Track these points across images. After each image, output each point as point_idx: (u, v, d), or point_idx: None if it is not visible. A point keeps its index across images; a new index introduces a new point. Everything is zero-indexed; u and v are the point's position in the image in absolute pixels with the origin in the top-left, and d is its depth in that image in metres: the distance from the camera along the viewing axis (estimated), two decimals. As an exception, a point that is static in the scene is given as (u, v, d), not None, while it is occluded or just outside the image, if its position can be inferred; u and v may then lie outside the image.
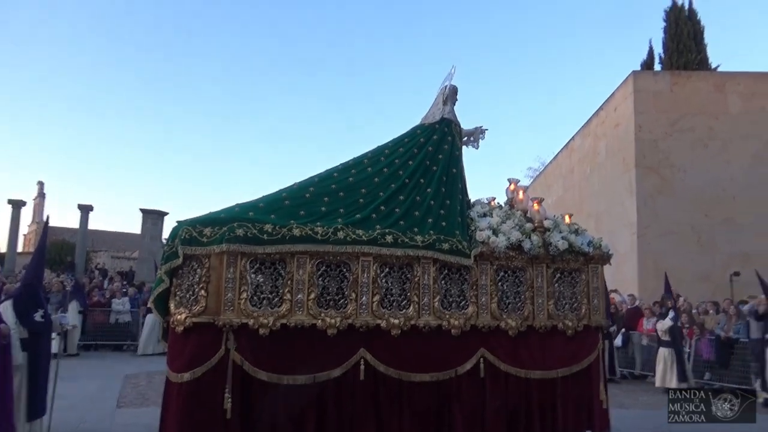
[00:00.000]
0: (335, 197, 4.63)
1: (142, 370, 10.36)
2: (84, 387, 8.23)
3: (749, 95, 15.29)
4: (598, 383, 4.64)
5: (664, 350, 10.27)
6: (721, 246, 14.47)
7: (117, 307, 13.57)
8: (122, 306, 13.66)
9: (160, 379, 9.04)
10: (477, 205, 5.06)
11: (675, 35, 19.33)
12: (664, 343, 10.33)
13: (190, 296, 4.18)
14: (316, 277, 4.30)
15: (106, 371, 10.24)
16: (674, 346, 10.17)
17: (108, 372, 10.13)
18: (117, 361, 11.75)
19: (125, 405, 7.39)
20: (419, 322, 4.34)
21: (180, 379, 3.98)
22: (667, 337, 10.26)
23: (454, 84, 5.47)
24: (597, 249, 4.75)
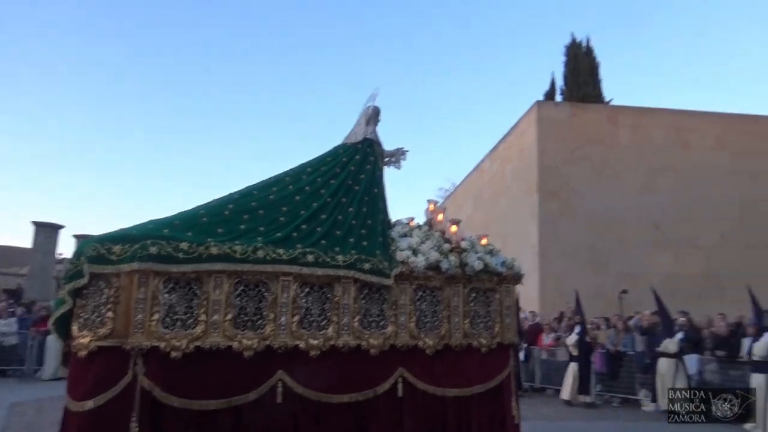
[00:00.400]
0: (255, 215, 4.52)
1: (30, 398, 9.53)
2: (-39, 417, 7.50)
3: (636, 127, 16.71)
4: (510, 399, 4.80)
5: (574, 365, 10.75)
6: (612, 266, 15.59)
7: (2, 329, 12.42)
8: (8, 327, 12.50)
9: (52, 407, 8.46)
10: (397, 225, 5.13)
11: (574, 69, 20.85)
12: (574, 358, 10.83)
13: (95, 318, 3.90)
14: (234, 297, 4.16)
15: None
16: (579, 359, 10.67)
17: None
18: (1, 388, 10.74)
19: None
20: (339, 343, 4.31)
21: (82, 408, 3.69)
22: (575, 352, 10.81)
23: (377, 105, 5.57)
24: (510, 269, 4.97)
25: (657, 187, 16.09)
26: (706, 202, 15.88)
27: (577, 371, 10.69)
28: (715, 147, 16.43)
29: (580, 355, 10.78)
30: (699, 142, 16.46)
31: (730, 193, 16.01)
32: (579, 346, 10.83)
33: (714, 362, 10.05)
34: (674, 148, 16.36)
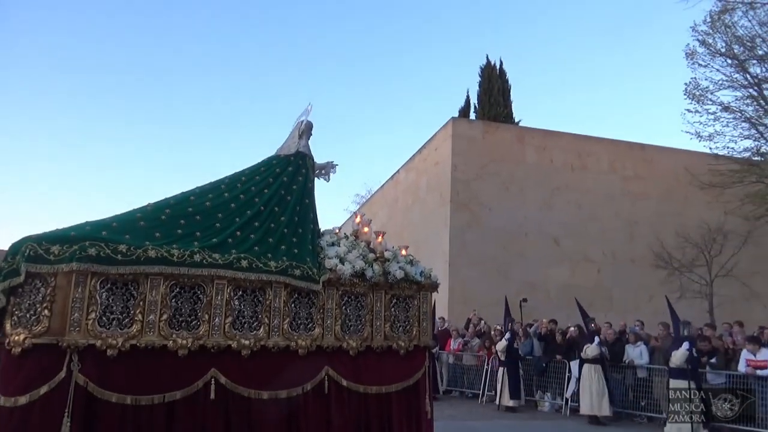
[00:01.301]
0: (192, 220, 4.73)
1: None
2: None
3: (541, 148, 18.00)
4: (425, 396, 5.29)
5: (501, 369, 11.34)
6: (514, 275, 16.62)
7: None
8: None
9: None
10: (326, 234, 5.49)
11: (487, 89, 22.08)
12: (502, 363, 11.41)
13: (30, 316, 3.98)
14: (170, 298, 4.36)
15: None
16: (507, 364, 11.25)
17: None
18: None
19: None
20: (269, 343, 4.61)
21: (14, 404, 3.74)
22: (504, 357, 11.35)
23: (310, 120, 5.91)
24: (428, 278, 5.47)
25: (556, 204, 17.40)
26: (597, 221, 17.43)
27: (505, 376, 11.16)
28: (608, 170, 18.06)
29: (508, 361, 11.25)
30: (595, 165, 18.01)
31: (618, 213, 17.67)
32: (508, 351, 11.30)
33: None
34: (573, 170, 17.78)
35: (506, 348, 11.29)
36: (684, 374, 8.23)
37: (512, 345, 11.40)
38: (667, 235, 16.38)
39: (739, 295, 15.94)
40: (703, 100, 15.81)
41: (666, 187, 18.05)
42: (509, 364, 11.24)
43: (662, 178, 18.16)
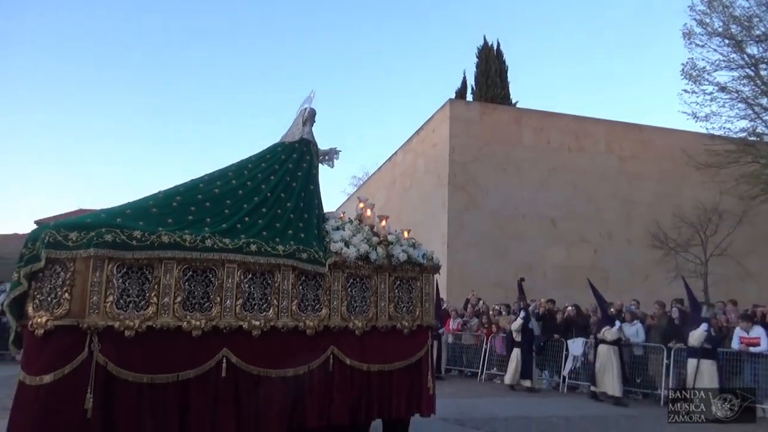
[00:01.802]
0: (202, 207, 4.90)
1: None
2: None
3: (539, 130, 18.11)
4: (427, 373, 5.53)
5: (517, 350, 11.19)
6: (512, 256, 16.85)
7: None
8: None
9: None
10: (331, 219, 5.68)
11: (485, 71, 22.08)
12: (517, 344, 11.26)
13: (51, 299, 4.17)
14: (183, 281, 4.55)
15: None
16: (522, 345, 11.13)
17: None
18: None
19: None
20: (278, 324, 4.82)
21: (39, 382, 3.96)
22: (519, 338, 11.21)
23: (313, 107, 6.06)
24: (430, 261, 5.68)
25: (553, 185, 17.57)
26: (594, 201, 17.62)
27: (519, 357, 11.11)
28: (605, 151, 18.21)
29: (523, 341, 11.19)
30: (592, 146, 18.15)
31: (615, 193, 17.85)
32: (523, 332, 11.23)
33: (598, 345, 11.33)
34: (570, 151, 17.93)
35: (521, 328, 11.25)
36: (700, 353, 8.75)
37: (527, 325, 11.33)
38: (663, 215, 16.60)
39: (734, 274, 16.23)
40: (699, 80, 15.92)
41: (662, 167, 18.22)
42: (524, 344, 11.20)
43: (659, 158, 18.33)
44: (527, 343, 11.25)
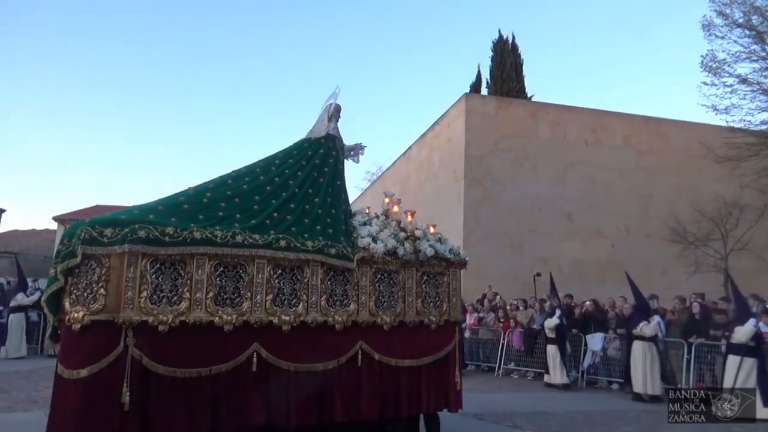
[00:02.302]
0: (231, 203, 4.95)
1: None
2: None
3: (555, 123, 17.99)
4: (454, 369, 5.55)
5: (551, 347, 11.10)
6: (528, 251, 16.76)
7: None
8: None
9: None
10: (358, 214, 5.71)
11: (500, 64, 21.96)
12: (550, 341, 11.14)
13: (88, 294, 4.25)
14: (214, 277, 4.60)
15: None
16: (559, 343, 10.98)
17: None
18: None
19: None
20: (307, 319, 4.86)
21: (76, 376, 4.04)
22: (553, 335, 11.09)
23: (339, 103, 6.05)
24: (457, 256, 5.68)
25: (570, 179, 17.46)
26: (611, 195, 17.49)
27: (556, 353, 11.03)
28: (623, 145, 18.05)
29: (557, 338, 11.08)
30: (609, 140, 18.00)
31: (632, 187, 17.71)
32: (558, 329, 11.09)
33: (617, 340, 11.23)
34: (587, 145, 17.80)
35: (557, 326, 11.10)
36: (743, 350, 8.37)
37: (562, 323, 11.16)
38: (682, 209, 16.43)
39: (755, 268, 16.03)
40: (720, 72, 15.72)
41: (681, 161, 18.03)
42: (559, 341, 11.10)
43: (677, 152, 18.13)
44: (562, 340, 11.18)
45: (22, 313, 12.73)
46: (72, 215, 32.33)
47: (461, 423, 5.83)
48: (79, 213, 32.88)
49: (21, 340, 12.55)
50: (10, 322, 12.53)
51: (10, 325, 12.50)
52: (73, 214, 32.52)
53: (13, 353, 12.34)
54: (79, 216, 31.84)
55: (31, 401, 7.80)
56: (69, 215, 32.36)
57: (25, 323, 12.69)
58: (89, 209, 33.96)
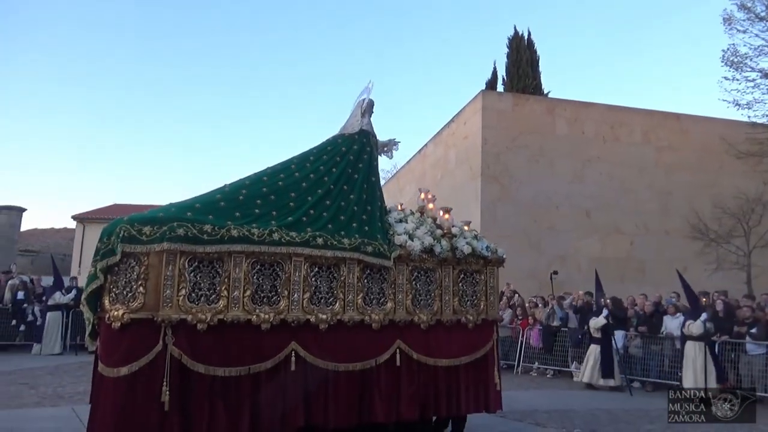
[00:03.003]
0: (267, 200, 4.89)
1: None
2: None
3: (573, 120, 17.81)
4: (493, 369, 5.47)
5: (595, 347, 10.61)
6: (545, 248, 16.63)
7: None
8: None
9: (4, 381, 8.59)
10: (393, 211, 5.64)
11: (516, 61, 21.79)
12: (595, 340, 10.65)
13: (127, 293, 4.22)
14: (252, 275, 4.55)
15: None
16: (604, 342, 10.43)
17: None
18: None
19: None
20: (344, 317, 4.80)
21: (117, 374, 4.02)
22: (598, 334, 10.58)
23: (372, 98, 5.99)
24: (494, 253, 5.60)
25: (587, 176, 17.29)
26: (630, 192, 17.30)
27: (598, 354, 10.51)
28: (642, 141, 17.84)
29: (603, 338, 10.52)
30: (627, 136, 17.79)
31: (652, 184, 17.51)
32: (603, 329, 10.52)
33: (638, 338, 11.12)
34: (605, 141, 17.61)
35: (603, 325, 10.52)
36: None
37: (609, 321, 10.57)
38: (702, 205, 16.20)
39: (780, 265, 15.77)
40: (741, 67, 15.48)
41: (701, 157, 17.78)
42: (604, 342, 10.53)
43: (697, 148, 17.89)
44: (607, 340, 10.56)
45: (60, 312, 12.93)
46: (90, 214, 32.60)
47: (484, 420, 5.75)
48: (97, 212, 33.14)
49: (57, 338, 12.72)
50: (48, 320, 12.77)
51: (47, 323, 12.74)
52: (92, 213, 32.80)
53: (47, 350, 12.54)
54: (98, 215, 32.15)
55: (58, 396, 7.85)
56: (87, 214, 32.56)
57: (61, 321, 12.91)
58: (107, 208, 34.14)
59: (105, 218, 31.96)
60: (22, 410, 6.80)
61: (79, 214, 32.38)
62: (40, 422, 6.13)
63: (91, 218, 32.25)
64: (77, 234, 32.37)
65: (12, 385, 8.54)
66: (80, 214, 32.41)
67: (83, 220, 32.01)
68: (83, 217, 32.16)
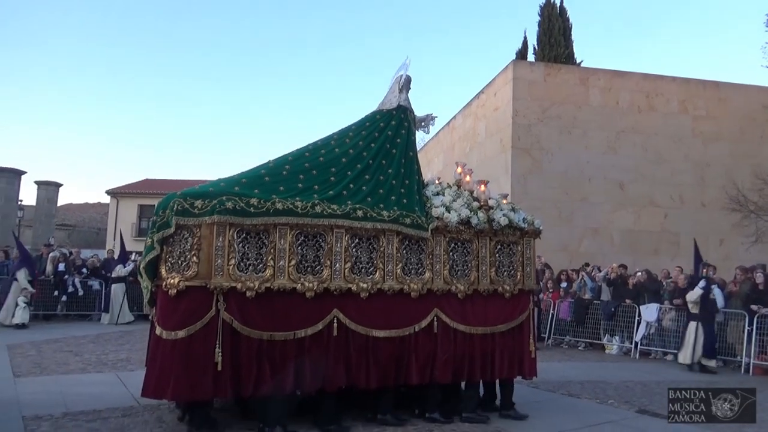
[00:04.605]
0: (309, 175, 5.11)
1: (22, 341, 10.08)
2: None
3: (607, 90, 17.44)
4: (529, 337, 5.63)
5: (693, 324, 9.70)
6: (577, 221, 16.51)
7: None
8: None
9: (51, 349, 9.05)
10: (430, 185, 5.79)
11: (547, 30, 21.32)
12: (693, 316, 9.75)
13: (181, 262, 4.52)
14: (296, 246, 4.79)
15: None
16: (703, 318, 9.59)
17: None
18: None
19: (23, 374, 7.23)
20: (384, 286, 5.02)
21: (175, 336, 4.34)
22: (696, 310, 9.71)
23: (409, 74, 6.07)
24: (531, 225, 5.71)
25: (621, 147, 16.99)
26: (665, 164, 17.00)
27: (699, 331, 9.57)
28: (678, 111, 17.43)
29: (703, 314, 9.59)
30: (663, 106, 17.39)
31: (688, 155, 17.16)
32: (702, 303, 9.60)
33: (673, 311, 11.06)
34: (640, 111, 17.24)
35: (700, 298, 9.58)
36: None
37: (707, 295, 9.63)
38: (741, 176, 15.82)
39: (823, 238, 15.40)
40: (785, 33, 14.90)
41: (741, 126, 17.28)
42: (703, 318, 9.58)
43: (737, 117, 17.37)
44: (708, 316, 9.58)
45: (122, 283, 13.77)
46: (123, 189, 33.47)
47: (517, 391, 5.92)
48: (129, 186, 34.00)
49: (120, 308, 13.60)
50: (112, 292, 13.68)
51: (112, 294, 13.67)
52: (124, 188, 33.68)
53: (113, 320, 13.47)
54: (130, 189, 32.90)
55: (101, 363, 8.24)
56: (120, 189, 33.45)
57: (124, 292, 13.77)
58: (139, 183, 35.00)
59: (137, 193, 32.92)
60: (69, 376, 7.20)
61: (113, 189, 33.29)
62: (87, 387, 6.49)
63: (123, 193, 33.13)
64: (111, 208, 33.36)
65: (58, 353, 8.99)
66: (113, 189, 33.32)
67: (116, 195, 32.92)
68: (116, 192, 33.05)
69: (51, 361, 8.24)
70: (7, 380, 6.73)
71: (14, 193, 26.18)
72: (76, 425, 4.85)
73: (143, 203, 32.31)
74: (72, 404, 5.51)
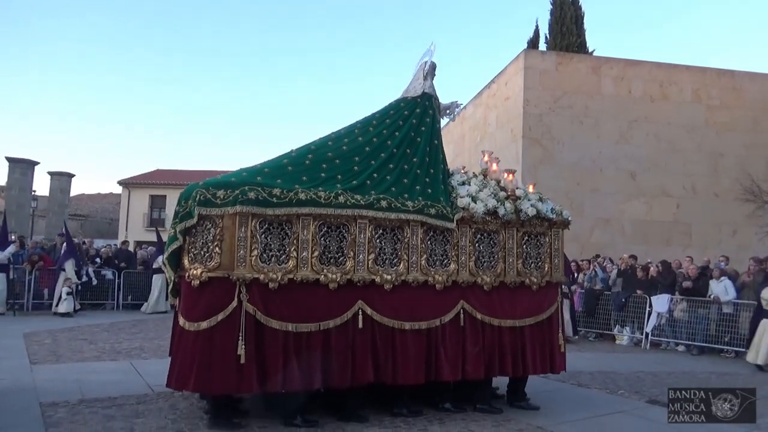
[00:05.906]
0: (332, 164, 4.98)
1: (38, 329, 10.15)
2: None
3: (619, 79, 17.21)
4: (557, 331, 5.50)
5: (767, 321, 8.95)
6: (588, 211, 16.37)
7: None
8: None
9: (66, 337, 9.05)
10: (456, 174, 5.63)
11: (559, 18, 21.02)
12: (766, 314, 9.00)
13: (204, 253, 4.43)
14: (319, 236, 4.68)
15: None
16: None
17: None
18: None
19: (39, 362, 7.24)
20: (408, 278, 4.89)
21: (197, 328, 4.28)
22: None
23: (434, 61, 5.90)
24: (559, 216, 5.56)
25: (634, 137, 16.80)
26: (678, 154, 16.80)
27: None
28: (692, 100, 17.19)
29: None
30: (676, 95, 17.16)
31: (701, 145, 16.94)
32: None
33: (684, 302, 10.96)
34: (653, 101, 17.02)
35: None
36: None
37: None
38: (756, 166, 15.62)
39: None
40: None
41: (756, 116, 17.04)
42: None
43: (752, 106, 17.12)
44: None
45: (162, 274, 13.71)
46: (134, 179, 33.41)
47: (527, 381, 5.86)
48: (141, 177, 33.97)
49: (160, 297, 13.70)
50: (154, 282, 13.93)
51: (153, 284, 13.95)
52: (136, 178, 33.63)
53: (152, 308, 13.70)
54: (142, 180, 32.85)
55: (115, 351, 8.25)
56: (132, 179, 33.40)
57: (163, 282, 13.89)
58: (150, 173, 34.94)
59: (148, 183, 32.88)
60: (84, 363, 7.22)
61: (124, 179, 33.26)
62: (103, 374, 6.50)
63: (135, 183, 33.12)
64: (123, 198, 33.34)
65: (73, 341, 9.04)
66: (125, 180, 33.28)
67: (128, 185, 32.90)
68: (128, 182, 33.03)
69: (66, 349, 8.28)
70: (24, 367, 6.77)
71: (28, 184, 26.37)
72: (92, 412, 4.84)
73: (154, 193, 32.51)
74: (87, 391, 5.54)
